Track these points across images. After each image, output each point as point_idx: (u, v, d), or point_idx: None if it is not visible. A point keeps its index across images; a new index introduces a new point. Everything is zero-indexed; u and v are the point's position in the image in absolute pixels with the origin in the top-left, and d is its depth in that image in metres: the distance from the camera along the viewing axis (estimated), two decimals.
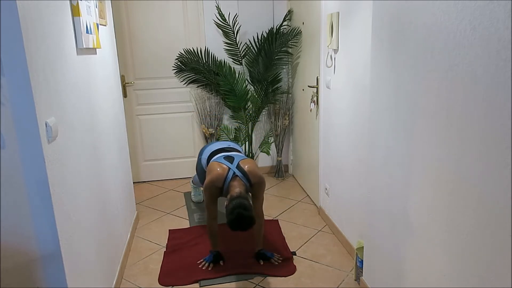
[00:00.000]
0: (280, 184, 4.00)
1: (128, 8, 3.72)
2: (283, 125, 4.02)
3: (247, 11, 3.88)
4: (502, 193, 1.10)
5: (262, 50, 3.73)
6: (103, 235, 2.09)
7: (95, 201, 1.98)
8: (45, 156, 1.36)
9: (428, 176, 1.48)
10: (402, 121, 1.64)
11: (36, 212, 1.39)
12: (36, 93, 1.32)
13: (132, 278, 2.45)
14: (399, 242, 1.75)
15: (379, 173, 1.91)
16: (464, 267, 1.30)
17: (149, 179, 4.18)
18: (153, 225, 3.18)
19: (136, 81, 3.90)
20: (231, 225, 2.19)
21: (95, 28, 2.16)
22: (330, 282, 2.35)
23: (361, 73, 2.29)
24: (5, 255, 1.40)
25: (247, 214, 2.19)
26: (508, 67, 1.05)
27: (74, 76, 1.78)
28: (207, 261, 2.54)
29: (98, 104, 2.22)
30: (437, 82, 1.37)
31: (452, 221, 1.35)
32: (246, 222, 2.19)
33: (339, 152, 2.74)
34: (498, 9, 1.07)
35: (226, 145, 2.85)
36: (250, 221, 2.19)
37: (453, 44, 1.27)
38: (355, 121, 2.43)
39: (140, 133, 4.03)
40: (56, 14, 1.59)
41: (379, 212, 1.95)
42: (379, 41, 1.82)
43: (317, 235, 2.93)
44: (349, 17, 2.40)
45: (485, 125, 1.15)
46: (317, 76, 3.10)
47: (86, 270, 1.74)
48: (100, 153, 2.18)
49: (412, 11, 1.51)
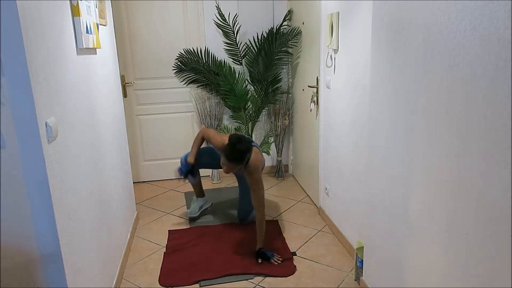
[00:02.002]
0: (280, 184, 4.00)
1: (128, 8, 3.72)
2: (283, 125, 4.02)
3: (247, 11, 3.88)
4: (502, 193, 1.10)
5: (262, 50, 3.73)
6: (103, 235, 2.09)
7: (95, 201, 1.98)
8: (45, 156, 1.36)
9: (428, 176, 1.48)
10: (402, 121, 1.64)
11: (36, 212, 1.39)
12: (36, 93, 1.32)
13: (132, 278, 2.46)
14: (399, 242, 1.75)
15: (379, 173, 1.91)
16: (464, 267, 1.30)
17: (149, 179, 4.18)
18: (153, 225, 3.18)
19: (136, 81, 3.90)
20: (226, 150, 2.43)
21: (95, 28, 2.16)
22: (330, 282, 2.35)
23: (361, 73, 2.29)
24: (5, 255, 1.40)
25: (242, 138, 2.46)
26: (508, 67, 1.05)
27: (74, 76, 1.78)
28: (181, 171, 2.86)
29: (98, 104, 2.22)
30: (437, 82, 1.37)
31: (452, 221, 1.35)
32: (240, 146, 2.42)
33: (339, 152, 2.74)
34: (498, 9, 1.07)
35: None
36: (244, 145, 2.44)
37: (453, 44, 1.27)
38: (355, 121, 2.43)
39: (140, 133, 4.03)
40: (56, 14, 1.59)
41: (379, 212, 1.95)
42: (379, 41, 1.82)
43: (317, 235, 2.93)
44: (349, 17, 2.40)
45: (485, 125, 1.15)
46: (317, 76, 3.10)
47: (86, 270, 1.74)
48: (100, 153, 2.18)
49: (412, 11, 1.51)
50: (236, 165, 2.46)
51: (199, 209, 3.20)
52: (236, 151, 2.42)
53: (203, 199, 3.25)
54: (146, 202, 3.65)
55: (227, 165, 2.48)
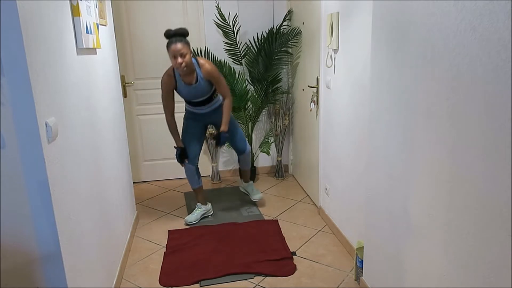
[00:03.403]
0: (280, 184, 4.00)
1: (128, 8, 3.72)
2: (283, 125, 4.03)
3: (247, 11, 3.88)
4: (502, 193, 1.10)
5: (262, 50, 3.73)
6: (103, 235, 2.09)
7: (95, 201, 1.98)
8: (45, 156, 1.36)
9: (428, 176, 1.48)
10: (402, 121, 1.64)
11: (36, 212, 1.39)
12: (36, 93, 1.32)
13: (132, 278, 2.46)
14: (399, 242, 1.75)
15: (379, 173, 1.91)
16: (464, 267, 1.30)
17: (149, 179, 4.18)
18: (153, 225, 3.18)
19: (136, 81, 3.90)
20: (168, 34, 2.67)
21: (95, 28, 2.16)
22: (330, 282, 2.35)
23: (361, 73, 2.29)
24: (5, 255, 1.40)
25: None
26: (508, 67, 1.05)
27: (74, 76, 1.78)
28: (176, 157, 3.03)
29: (98, 104, 2.22)
30: (437, 82, 1.37)
31: (452, 221, 1.35)
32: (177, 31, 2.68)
33: (339, 152, 2.74)
34: (498, 9, 1.07)
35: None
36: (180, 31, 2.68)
37: (453, 44, 1.27)
38: (355, 121, 2.43)
39: (140, 133, 4.03)
40: (56, 14, 1.59)
41: (379, 212, 1.95)
42: (379, 41, 1.82)
43: (317, 235, 2.93)
44: (349, 17, 2.40)
45: (485, 125, 1.15)
46: (317, 76, 3.10)
47: (86, 270, 1.74)
48: (100, 153, 2.18)
49: (412, 11, 1.51)
50: (184, 43, 2.66)
51: (201, 216, 3.20)
52: (174, 30, 2.67)
53: (206, 206, 3.25)
54: (146, 202, 3.65)
55: (178, 51, 2.63)
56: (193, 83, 2.84)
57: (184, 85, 2.86)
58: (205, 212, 3.23)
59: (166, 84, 2.85)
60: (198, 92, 2.88)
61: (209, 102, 2.99)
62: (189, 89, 2.86)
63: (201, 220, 3.20)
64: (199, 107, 3.00)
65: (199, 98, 2.93)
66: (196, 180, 3.15)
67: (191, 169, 3.10)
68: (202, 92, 2.89)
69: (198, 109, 3.02)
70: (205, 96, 2.93)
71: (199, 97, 2.92)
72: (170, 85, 2.86)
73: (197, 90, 2.87)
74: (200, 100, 2.95)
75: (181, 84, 2.85)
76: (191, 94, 2.89)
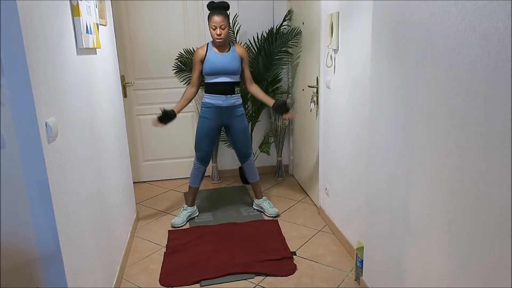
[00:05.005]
0: (280, 184, 4.00)
1: (128, 8, 3.72)
2: (283, 125, 4.02)
3: (247, 11, 3.88)
4: (502, 193, 1.10)
5: (262, 50, 3.73)
6: (103, 235, 2.09)
7: (95, 201, 1.98)
8: (45, 156, 1.36)
9: (428, 176, 1.48)
10: (402, 121, 1.64)
11: (36, 212, 1.39)
12: (36, 93, 1.32)
13: (132, 278, 2.46)
14: (399, 242, 1.75)
15: (379, 173, 1.91)
16: (464, 267, 1.30)
17: (149, 179, 4.18)
18: (153, 225, 3.18)
19: (136, 81, 3.90)
20: (212, 5, 2.87)
21: (95, 28, 2.16)
22: (330, 282, 2.35)
23: (361, 73, 2.29)
24: (5, 255, 1.40)
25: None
26: (508, 67, 1.05)
27: (74, 76, 1.78)
28: (158, 116, 2.98)
29: (98, 104, 2.22)
30: (437, 82, 1.37)
31: (452, 221, 1.35)
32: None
33: (339, 152, 2.74)
34: (498, 9, 1.07)
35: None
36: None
37: (453, 44, 1.27)
38: (355, 121, 2.43)
39: (140, 133, 4.03)
40: (56, 14, 1.59)
41: (379, 212, 1.95)
42: (379, 41, 1.82)
43: (317, 235, 2.93)
44: (349, 17, 2.40)
45: (485, 125, 1.15)
46: (317, 76, 3.10)
47: (86, 270, 1.74)
48: (100, 153, 2.18)
49: (412, 11, 1.51)
50: (225, 17, 2.83)
51: (187, 218, 3.20)
52: (217, 2, 2.87)
53: (192, 208, 3.25)
54: (146, 202, 3.65)
55: (218, 23, 2.81)
56: (225, 52, 2.95)
57: (215, 54, 2.93)
58: (191, 213, 3.23)
59: (196, 54, 2.97)
60: (229, 63, 2.93)
61: (231, 92, 2.99)
62: (221, 58, 2.92)
63: (201, 220, 3.20)
64: (220, 95, 2.97)
65: (227, 72, 2.94)
66: (198, 181, 3.16)
67: (201, 170, 3.13)
68: (232, 65, 2.94)
69: (218, 99, 2.97)
70: (232, 71, 2.96)
71: (227, 69, 2.93)
72: (199, 55, 2.95)
73: (228, 59, 2.93)
74: (225, 79, 2.96)
75: (212, 54, 2.93)
76: (221, 63, 2.92)
